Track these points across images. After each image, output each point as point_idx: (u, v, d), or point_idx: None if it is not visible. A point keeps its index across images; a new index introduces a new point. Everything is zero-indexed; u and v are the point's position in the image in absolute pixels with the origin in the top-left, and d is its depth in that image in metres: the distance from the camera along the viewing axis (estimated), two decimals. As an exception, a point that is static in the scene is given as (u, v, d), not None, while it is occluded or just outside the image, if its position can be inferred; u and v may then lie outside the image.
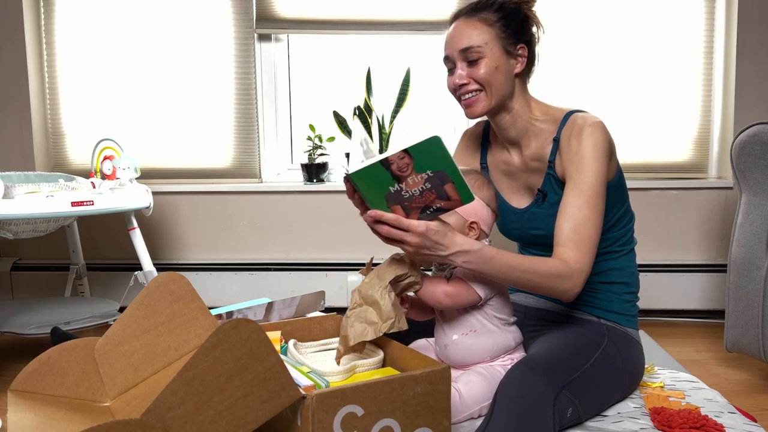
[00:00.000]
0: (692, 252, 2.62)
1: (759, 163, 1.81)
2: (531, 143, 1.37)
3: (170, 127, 2.72)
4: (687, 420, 1.20)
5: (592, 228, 1.23)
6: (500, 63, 1.31)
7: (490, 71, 1.30)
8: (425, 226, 1.09)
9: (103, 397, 1.06)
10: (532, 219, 1.39)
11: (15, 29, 2.60)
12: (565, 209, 1.25)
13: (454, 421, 1.15)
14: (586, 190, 1.24)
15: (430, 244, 1.10)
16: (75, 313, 2.24)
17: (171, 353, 1.06)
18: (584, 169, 1.25)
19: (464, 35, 1.30)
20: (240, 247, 2.69)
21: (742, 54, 2.54)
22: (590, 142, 1.26)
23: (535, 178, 1.38)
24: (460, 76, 1.32)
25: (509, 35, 1.31)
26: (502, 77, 1.31)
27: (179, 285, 1.08)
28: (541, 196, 1.36)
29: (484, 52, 1.29)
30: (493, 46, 1.30)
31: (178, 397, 0.80)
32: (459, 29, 1.32)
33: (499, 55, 1.30)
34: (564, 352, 1.24)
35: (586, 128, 1.27)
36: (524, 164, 1.39)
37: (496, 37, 1.30)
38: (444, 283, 1.20)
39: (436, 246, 1.10)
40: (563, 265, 1.20)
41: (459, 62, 1.32)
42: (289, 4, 2.64)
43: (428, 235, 1.09)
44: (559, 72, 2.60)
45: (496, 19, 1.31)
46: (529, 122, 1.36)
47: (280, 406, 0.87)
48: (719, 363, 2.10)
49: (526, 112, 1.36)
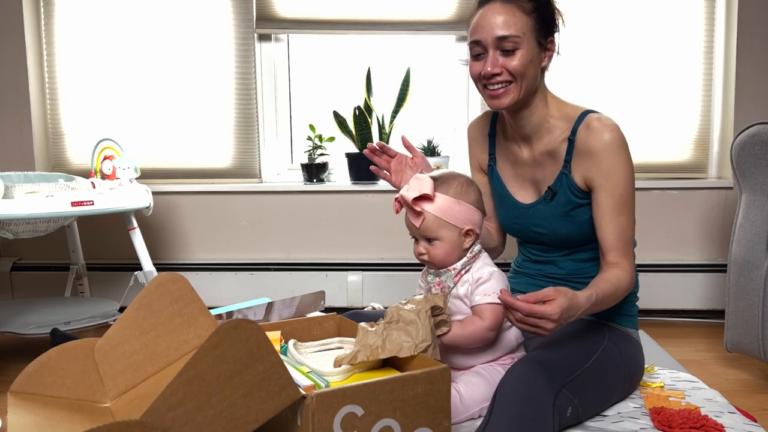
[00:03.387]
0: (692, 252, 2.62)
1: (759, 163, 1.81)
2: (543, 138, 1.36)
3: (170, 127, 2.72)
4: (687, 420, 1.20)
5: (630, 232, 1.31)
6: (534, 56, 1.27)
7: (525, 63, 1.26)
8: (559, 309, 1.08)
9: (103, 397, 1.06)
10: (536, 215, 1.38)
11: (15, 29, 2.60)
12: (605, 220, 1.28)
13: (455, 422, 1.15)
14: (619, 198, 1.28)
15: (564, 322, 1.11)
16: (75, 313, 2.24)
17: (171, 353, 1.06)
18: (615, 178, 1.28)
19: (502, 22, 1.24)
20: (240, 247, 2.69)
21: (742, 54, 2.54)
22: (614, 150, 1.28)
23: (542, 173, 1.37)
24: (493, 64, 1.26)
25: (543, 26, 1.28)
26: (534, 71, 1.29)
27: (179, 285, 1.08)
28: (551, 194, 1.35)
29: (521, 42, 1.25)
30: (529, 37, 1.26)
31: (178, 397, 0.80)
32: (496, 13, 1.25)
33: (533, 46, 1.27)
34: (564, 351, 1.24)
35: (605, 134, 1.28)
36: (533, 158, 1.38)
37: (532, 28, 1.26)
38: (477, 319, 1.20)
39: (567, 320, 1.12)
40: (627, 275, 1.27)
41: (492, 50, 1.26)
42: (289, 4, 2.64)
43: (563, 316, 1.09)
44: (560, 72, 2.58)
45: (533, 8, 1.26)
46: (544, 119, 1.35)
47: (280, 406, 0.87)
48: (719, 363, 2.09)
49: (543, 108, 1.35)
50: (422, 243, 1.25)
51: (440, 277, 1.25)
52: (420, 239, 1.25)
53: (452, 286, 1.25)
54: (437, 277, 1.26)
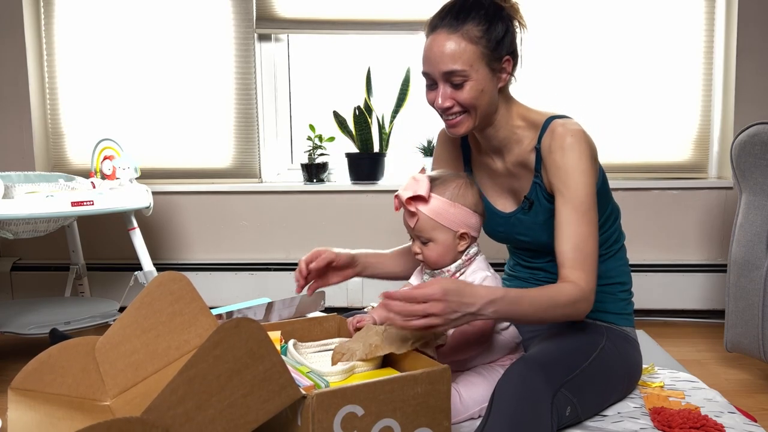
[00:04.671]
0: (692, 252, 2.62)
1: (759, 163, 1.81)
2: (513, 150, 1.33)
3: (170, 127, 2.72)
4: (687, 420, 1.20)
5: (592, 243, 1.20)
6: (486, 84, 1.23)
7: (476, 95, 1.22)
8: (440, 288, 1.01)
9: (103, 395, 1.06)
10: (517, 225, 1.37)
11: (15, 29, 2.60)
12: (562, 229, 1.21)
13: (454, 422, 1.15)
14: (579, 205, 1.20)
15: (455, 305, 1.02)
16: (75, 313, 2.24)
17: (171, 352, 1.06)
18: (573, 184, 1.21)
19: (447, 55, 1.21)
20: (240, 247, 2.69)
21: (742, 54, 2.54)
22: (575, 154, 1.21)
23: (518, 183, 1.35)
24: (443, 97, 1.24)
25: (494, 49, 1.22)
26: (488, 98, 1.24)
27: (180, 284, 1.08)
28: (528, 203, 1.33)
29: (470, 74, 1.21)
30: (478, 67, 1.21)
31: (179, 396, 0.80)
32: (440, 46, 1.22)
33: (484, 74, 1.22)
34: (562, 350, 1.23)
35: (567, 139, 1.22)
36: (506, 170, 1.36)
37: (481, 56, 1.21)
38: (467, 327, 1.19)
39: (461, 305, 1.03)
40: (577, 289, 1.17)
41: (441, 83, 1.24)
42: (289, 4, 2.64)
43: (450, 297, 1.02)
44: (560, 72, 2.59)
45: (481, 33, 1.21)
46: (511, 131, 1.31)
47: (280, 405, 0.87)
48: (719, 363, 2.10)
49: (509, 121, 1.31)
50: (417, 243, 1.25)
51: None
52: (415, 239, 1.25)
53: None
54: (432, 278, 1.26)
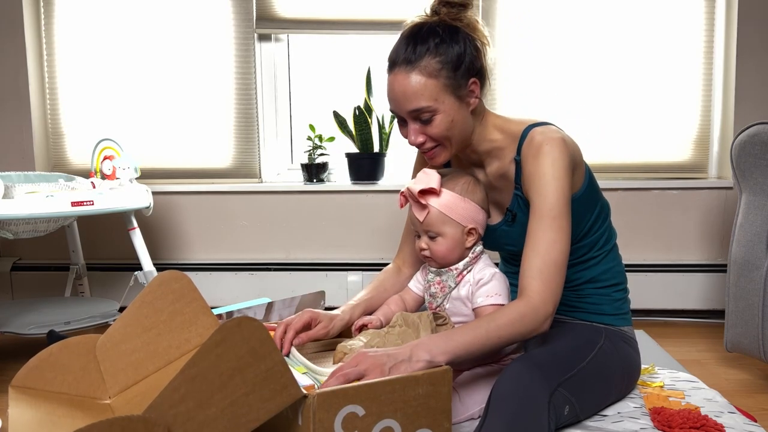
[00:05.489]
0: (692, 252, 2.62)
1: (759, 163, 1.81)
2: (494, 163, 1.31)
3: (170, 127, 2.72)
4: (687, 420, 1.20)
5: (558, 250, 1.15)
6: (455, 113, 1.20)
7: (446, 127, 1.19)
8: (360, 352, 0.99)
9: (103, 394, 1.06)
10: (503, 236, 1.36)
11: (15, 29, 2.60)
12: (529, 236, 1.18)
13: (454, 422, 1.15)
14: (547, 212, 1.16)
15: (382, 358, 0.98)
16: (75, 313, 2.24)
17: (172, 352, 1.06)
18: (544, 191, 1.18)
19: (409, 94, 1.18)
20: (240, 247, 2.69)
21: (742, 54, 2.54)
22: (548, 160, 1.18)
23: (501, 196, 1.34)
24: (415, 134, 1.21)
25: (458, 76, 1.18)
26: (460, 126, 1.21)
27: (181, 284, 1.08)
28: (511, 216, 1.31)
29: (436, 108, 1.18)
30: (444, 99, 1.17)
31: (180, 395, 0.80)
32: (401, 85, 1.19)
33: (451, 105, 1.19)
34: (560, 350, 1.23)
35: (543, 147, 1.19)
36: (489, 183, 1.34)
37: (444, 88, 1.17)
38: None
39: (388, 357, 0.99)
40: (523, 303, 1.13)
41: (410, 121, 1.21)
42: (289, 4, 2.64)
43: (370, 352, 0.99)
44: (560, 72, 2.60)
45: (440, 65, 1.17)
46: (491, 145, 1.29)
47: (281, 405, 0.87)
48: (719, 363, 2.10)
49: (485, 136, 1.29)
50: (424, 238, 1.25)
51: (441, 276, 1.25)
52: (422, 234, 1.25)
53: (453, 286, 1.25)
54: (438, 276, 1.26)
